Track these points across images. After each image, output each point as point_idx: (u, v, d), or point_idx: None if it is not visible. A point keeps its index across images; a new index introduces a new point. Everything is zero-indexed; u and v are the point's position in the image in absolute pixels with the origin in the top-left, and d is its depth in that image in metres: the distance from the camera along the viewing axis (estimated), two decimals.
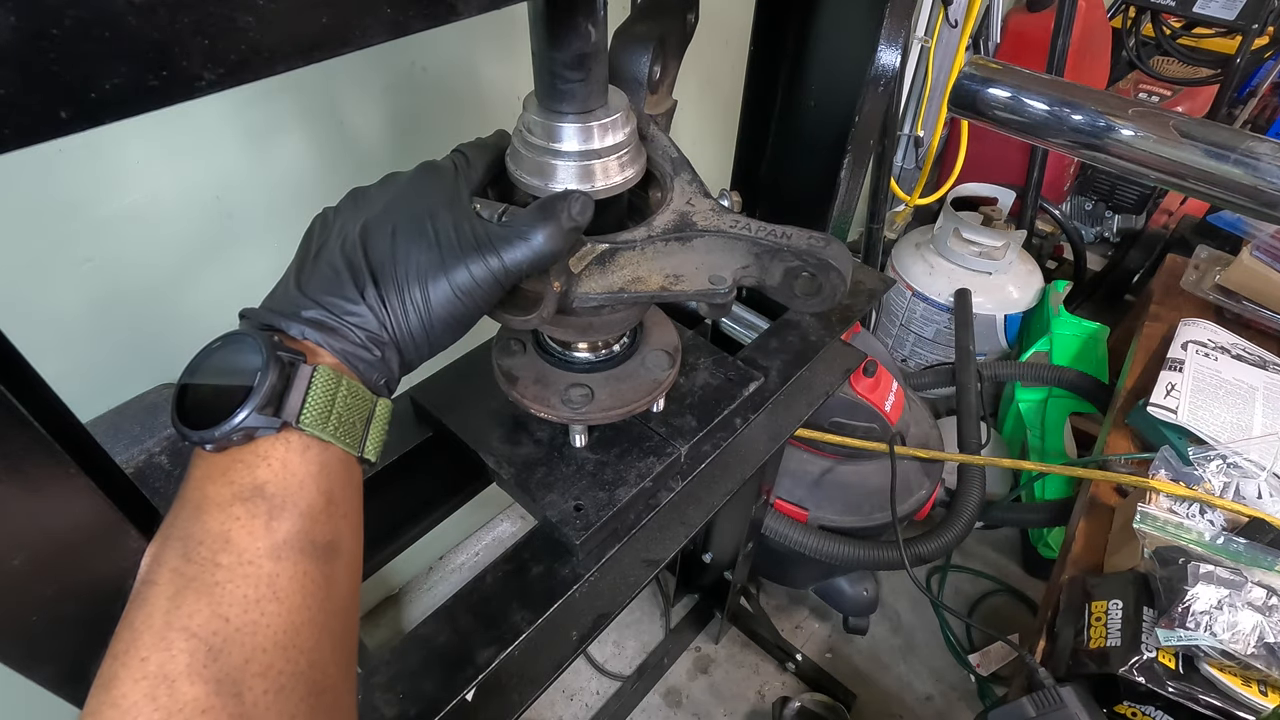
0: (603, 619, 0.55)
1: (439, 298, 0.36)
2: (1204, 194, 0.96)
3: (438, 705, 0.48)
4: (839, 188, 0.74)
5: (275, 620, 0.30)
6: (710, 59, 1.30)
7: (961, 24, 1.73)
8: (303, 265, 0.37)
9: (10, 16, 0.19)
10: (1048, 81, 1.04)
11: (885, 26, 0.63)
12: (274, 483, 0.32)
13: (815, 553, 1.19)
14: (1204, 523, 0.96)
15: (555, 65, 0.41)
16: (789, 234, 0.46)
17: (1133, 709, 0.81)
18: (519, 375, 0.56)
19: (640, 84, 0.51)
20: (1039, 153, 1.89)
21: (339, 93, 0.86)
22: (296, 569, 0.31)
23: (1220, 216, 1.87)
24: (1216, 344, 1.23)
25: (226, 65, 0.23)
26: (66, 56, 0.20)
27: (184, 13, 0.21)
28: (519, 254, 0.38)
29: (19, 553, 0.28)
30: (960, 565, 1.69)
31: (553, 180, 0.44)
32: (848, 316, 0.80)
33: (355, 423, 0.35)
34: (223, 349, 0.34)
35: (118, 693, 0.27)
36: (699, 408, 0.63)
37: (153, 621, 0.28)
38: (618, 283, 0.45)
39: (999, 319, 1.78)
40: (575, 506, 0.55)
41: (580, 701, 1.46)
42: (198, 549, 0.30)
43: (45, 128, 0.21)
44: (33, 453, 0.27)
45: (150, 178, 0.73)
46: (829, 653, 1.55)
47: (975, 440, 1.41)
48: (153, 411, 0.51)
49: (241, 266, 0.86)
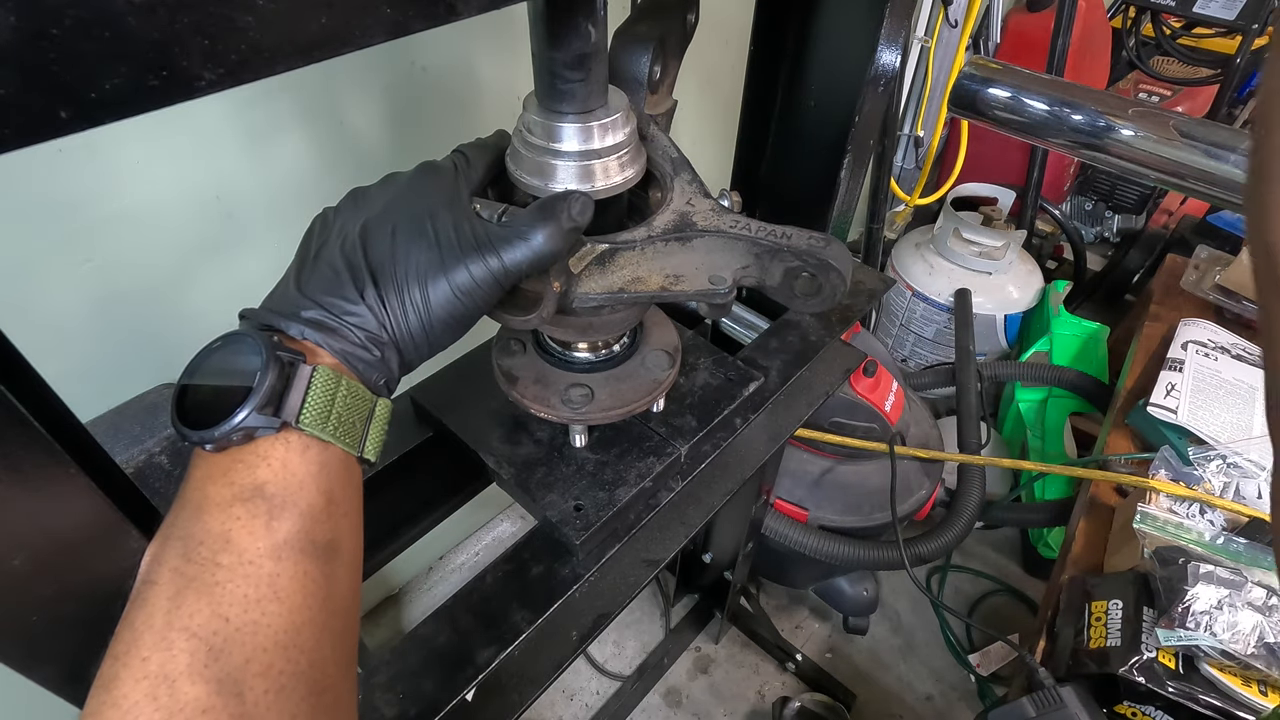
0: (603, 619, 0.55)
1: (438, 298, 0.36)
2: (1204, 194, 0.96)
3: (438, 705, 0.48)
4: (839, 188, 0.74)
5: (276, 620, 0.30)
6: (710, 59, 1.30)
7: (961, 24, 1.73)
8: (302, 265, 0.37)
9: (10, 16, 0.19)
10: (1048, 81, 1.05)
11: (885, 26, 0.63)
12: (274, 482, 0.32)
13: (815, 553, 1.19)
14: (1204, 523, 0.96)
15: (555, 65, 0.41)
16: (789, 234, 0.46)
17: (1133, 709, 0.81)
18: (519, 375, 0.56)
19: (640, 84, 0.51)
20: (1039, 153, 1.89)
21: (339, 93, 0.86)
22: (297, 569, 0.31)
23: (1220, 216, 1.87)
24: (1216, 344, 1.23)
25: (226, 65, 0.23)
26: (66, 56, 0.20)
27: (184, 13, 0.21)
28: (518, 254, 0.38)
29: (19, 553, 0.28)
30: (960, 565, 1.69)
31: (552, 180, 0.44)
32: (848, 316, 0.80)
33: (355, 422, 0.35)
34: (222, 349, 0.34)
35: (119, 693, 0.27)
36: (699, 408, 0.63)
37: (153, 621, 0.28)
38: (617, 283, 0.45)
39: (999, 319, 1.78)
40: (575, 506, 0.55)
41: (580, 701, 1.46)
42: (198, 549, 0.30)
43: (45, 128, 0.21)
44: (33, 453, 0.27)
45: (150, 178, 0.73)
46: (829, 653, 1.55)
47: (975, 440, 1.41)
48: (153, 411, 0.51)
49: (241, 266, 0.86)
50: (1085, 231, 2.39)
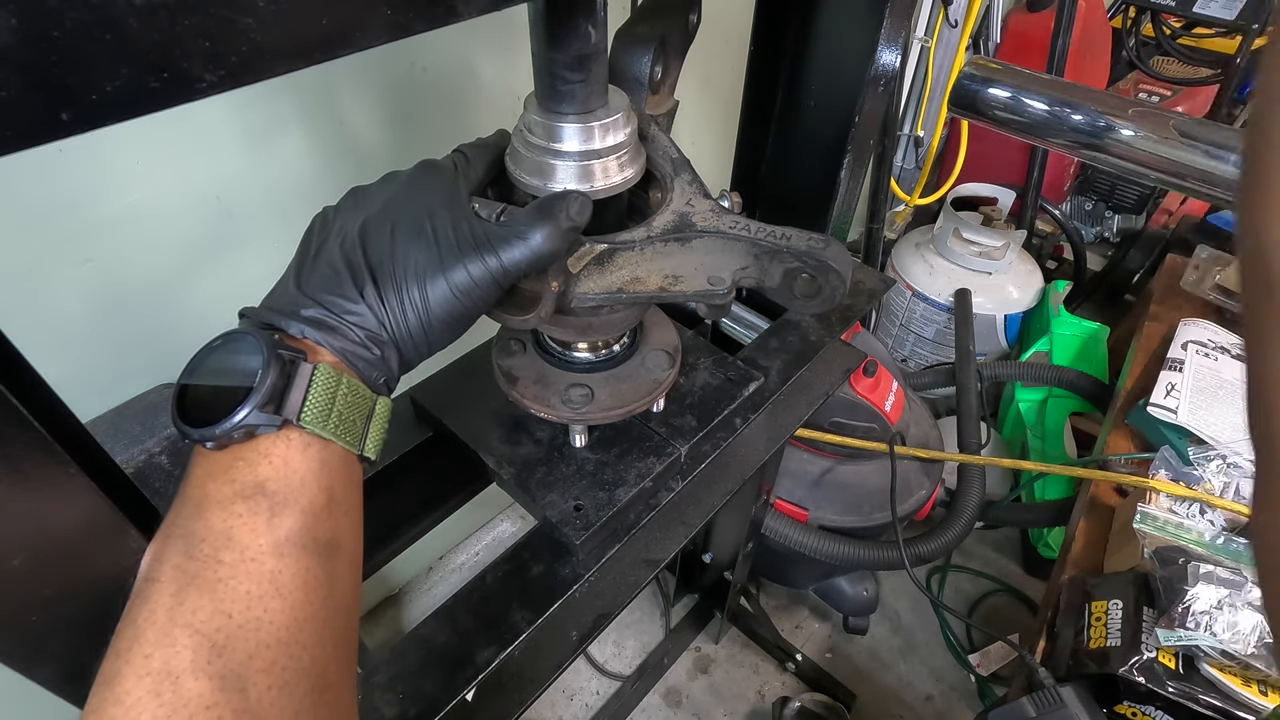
0: (603, 619, 0.55)
1: (437, 297, 0.36)
2: (1204, 194, 0.96)
3: (438, 705, 0.48)
4: (839, 188, 0.75)
5: (278, 617, 0.30)
6: (710, 59, 1.30)
7: (961, 24, 1.73)
8: (302, 264, 0.37)
9: (12, 19, 0.19)
10: (1048, 81, 1.05)
11: (885, 26, 0.63)
12: (275, 480, 0.32)
13: (815, 553, 1.19)
14: (1204, 523, 0.96)
15: (555, 66, 0.41)
16: (788, 235, 0.46)
17: (1133, 709, 0.81)
18: (519, 375, 0.56)
19: (641, 84, 0.51)
20: (1039, 153, 1.89)
21: (339, 92, 0.86)
22: (299, 566, 0.31)
23: (1220, 216, 1.87)
24: (1216, 344, 1.23)
25: (227, 67, 0.23)
26: (68, 59, 0.20)
27: (185, 15, 0.21)
28: (517, 254, 0.38)
29: (19, 553, 0.28)
30: (960, 565, 1.69)
31: (552, 180, 0.44)
32: (848, 316, 0.80)
33: (355, 420, 0.35)
34: (223, 348, 0.34)
35: (121, 689, 0.27)
36: (699, 408, 0.63)
37: (156, 618, 0.28)
38: (616, 283, 0.45)
39: (999, 319, 1.78)
40: (575, 506, 0.55)
41: (580, 701, 1.46)
42: (200, 546, 0.30)
43: (46, 130, 0.21)
44: (32, 453, 0.27)
45: (150, 178, 0.73)
46: (829, 653, 1.55)
47: (975, 440, 1.41)
48: (153, 411, 0.51)
49: (242, 266, 0.86)
50: (1085, 231, 2.38)
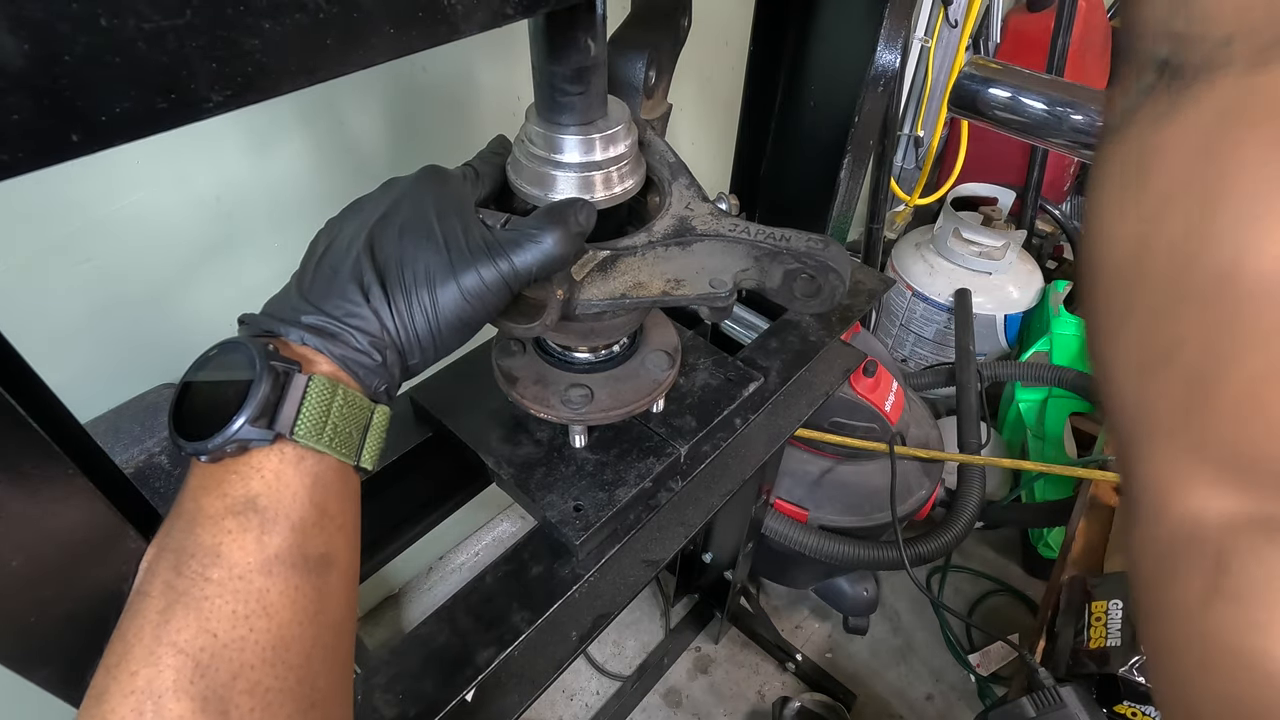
0: (603, 619, 0.55)
1: (447, 301, 0.36)
2: None
3: (438, 706, 0.48)
4: (839, 188, 0.74)
5: (264, 636, 0.30)
6: (710, 60, 1.30)
7: (961, 24, 1.73)
8: (305, 271, 0.37)
9: (24, 44, 0.19)
10: (1048, 81, 1.04)
11: (885, 26, 0.63)
12: (266, 495, 0.31)
13: (815, 553, 1.19)
14: None
15: (555, 79, 0.42)
16: (788, 236, 0.46)
17: (1133, 709, 0.81)
18: (519, 376, 0.56)
19: (636, 89, 0.52)
20: (1039, 153, 1.89)
21: (340, 94, 0.86)
22: (288, 584, 0.31)
23: None
24: None
25: (234, 87, 0.23)
26: (78, 82, 0.20)
27: (192, 38, 0.22)
28: (529, 257, 0.38)
29: (18, 554, 0.28)
30: (960, 565, 1.69)
31: (553, 190, 0.45)
32: (848, 317, 0.80)
33: (351, 432, 0.34)
34: (218, 357, 0.34)
35: (107, 707, 0.27)
36: (699, 408, 0.63)
37: (143, 635, 0.28)
38: (619, 288, 0.45)
39: (999, 319, 1.78)
40: (575, 507, 0.55)
41: (580, 701, 1.46)
42: (189, 562, 0.30)
43: (57, 151, 0.21)
44: (32, 454, 0.27)
45: (150, 178, 0.73)
46: (829, 653, 1.55)
47: (975, 440, 1.41)
48: (153, 411, 0.51)
49: (242, 267, 0.86)
50: None
